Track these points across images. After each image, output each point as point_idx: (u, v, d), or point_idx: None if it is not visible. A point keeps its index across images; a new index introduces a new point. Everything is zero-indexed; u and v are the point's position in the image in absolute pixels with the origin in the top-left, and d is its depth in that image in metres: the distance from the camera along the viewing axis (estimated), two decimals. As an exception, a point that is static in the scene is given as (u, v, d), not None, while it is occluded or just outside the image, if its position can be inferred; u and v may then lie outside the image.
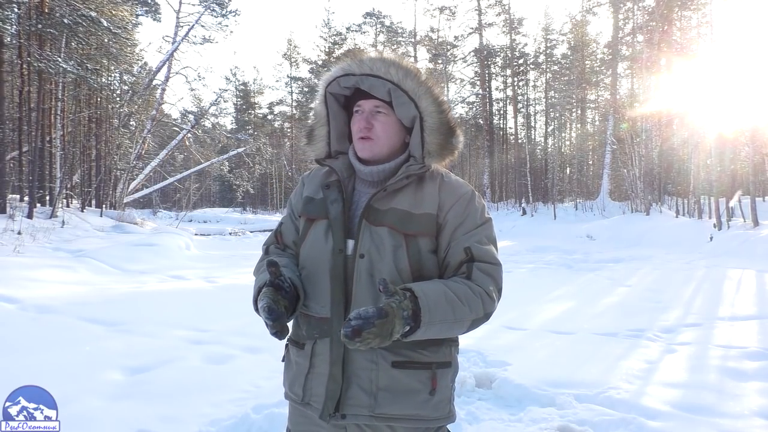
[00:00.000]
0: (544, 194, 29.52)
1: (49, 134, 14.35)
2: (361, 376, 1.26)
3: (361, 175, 1.37)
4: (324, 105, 1.40)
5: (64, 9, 13.44)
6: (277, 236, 1.46)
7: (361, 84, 1.33)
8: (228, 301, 6.16)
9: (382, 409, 1.26)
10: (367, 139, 1.32)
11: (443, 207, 1.31)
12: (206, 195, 47.34)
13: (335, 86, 1.37)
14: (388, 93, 1.32)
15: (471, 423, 2.93)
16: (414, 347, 1.26)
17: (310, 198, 1.39)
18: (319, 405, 1.29)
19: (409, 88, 1.31)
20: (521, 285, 7.70)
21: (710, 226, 13.63)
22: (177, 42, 23.00)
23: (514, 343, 4.44)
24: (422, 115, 1.32)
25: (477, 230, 1.31)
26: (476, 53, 32.81)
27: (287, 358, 1.43)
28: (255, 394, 3.19)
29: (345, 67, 1.34)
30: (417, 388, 1.27)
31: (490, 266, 1.28)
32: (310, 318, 1.32)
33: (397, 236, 1.27)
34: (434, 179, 1.35)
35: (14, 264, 7.45)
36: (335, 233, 1.29)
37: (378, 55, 1.34)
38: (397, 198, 1.30)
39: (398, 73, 1.30)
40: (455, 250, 1.29)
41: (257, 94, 44.68)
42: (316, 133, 1.43)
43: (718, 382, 3.45)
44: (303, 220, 1.38)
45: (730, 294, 6.74)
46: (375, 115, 1.34)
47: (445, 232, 1.30)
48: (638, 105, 23.11)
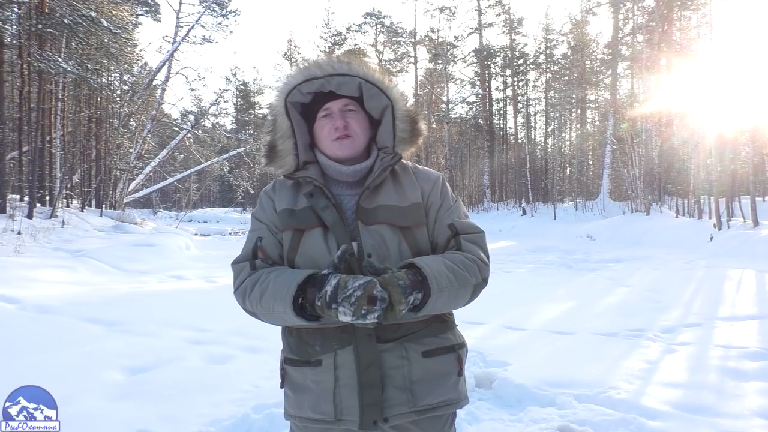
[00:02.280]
0: (544, 194, 29.51)
1: (49, 134, 14.35)
2: (393, 375, 1.26)
3: (340, 176, 1.36)
4: (286, 117, 1.37)
5: (64, 9, 13.44)
6: (260, 252, 1.34)
7: (327, 85, 1.34)
8: (228, 301, 6.13)
9: (422, 401, 1.27)
10: (346, 137, 1.34)
11: (424, 193, 1.37)
12: (206, 195, 47.35)
13: (296, 95, 1.36)
14: (357, 88, 1.35)
15: (471, 423, 2.92)
16: (436, 333, 1.32)
17: (290, 210, 1.34)
18: (354, 417, 1.24)
19: (377, 81, 1.36)
20: (521, 285, 7.70)
21: (710, 226, 13.62)
22: (177, 42, 23.02)
23: (514, 343, 4.44)
24: (393, 104, 1.37)
25: (453, 208, 1.39)
26: (476, 53, 32.80)
27: (293, 383, 1.34)
28: (255, 394, 3.19)
29: (305, 73, 1.35)
30: (449, 371, 1.32)
31: (474, 236, 1.35)
32: (325, 330, 1.26)
33: (395, 231, 1.30)
34: (406, 170, 1.41)
35: (14, 264, 7.45)
36: (339, 239, 1.26)
37: (329, 57, 1.37)
38: (381, 194, 1.33)
39: (361, 68, 1.35)
40: (440, 230, 1.35)
41: (257, 94, 44.71)
42: (280, 148, 1.40)
43: (718, 382, 3.45)
44: (289, 232, 1.32)
45: (730, 294, 6.74)
46: (347, 114, 1.36)
47: (430, 215, 1.37)
48: (638, 105, 23.12)
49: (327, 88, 1.35)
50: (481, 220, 24.19)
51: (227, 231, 20.32)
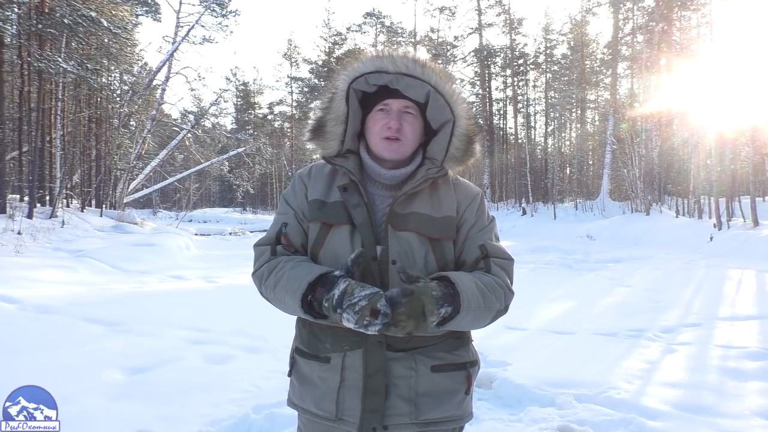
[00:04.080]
0: (544, 194, 29.50)
1: (49, 134, 14.35)
2: (399, 384, 1.25)
3: (378, 178, 1.33)
4: (345, 102, 1.32)
5: (64, 9, 13.43)
6: (283, 238, 1.32)
7: (395, 83, 1.29)
8: (228, 301, 6.16)
9: (425, 415, 1.25)
10: (396, 140, 1.30)
11: (460, 208, 1.34)
12: (206, 195, 47.34)
13: (362, 83, 1.31)
14: (425, 95, 1.30)
15: (471, 423, 2.90)
16: (449, 349, 1.30)
17: (321, 201, 1.31)
18: (355, 419, 1.24)
19: (446, 92, 1.31)
20: (521, 285, 7.62)
21: (710, 226, 13.62)
22: (177, 42, 23.01)
23: (514, 343, 4.44)
24: (456, 120, 1.32)
25: (487, 228, 1.35)
26: (476, 53, 32.80)
27: (300, 374, 1.34)
28: (255, 394, 3.19)
29: (377, 64, 1.29)
30: (456, 388, 1.30)
31: (504, 261, 1.32)
32: (337, 330, 1.25)
33: (424, 241, 1.27)
34: (447, 182, 1.37)
35: (14, 264, 7.45)
36: (365, 240, 1.24)
37: (407, 53, 1.31)
38: (415, 202, 1.29)
39: (434, 76, 1.29)
40: (470, 248, 1.32)
41: (257, 94, 44.69)
42: (329, 130, 1.34)
43: (718, 382, 3.45)
44: (317, 225, 1.30)
45: (730, 294, 6.74)
46: (404, 116, 1.31)
47: (461, 232, 1.33)
48: (638, 105, 23.12)
49: (394, 86, 1.30)
50: (481, 220, 24.17)
51: (227, 231, 20.30)
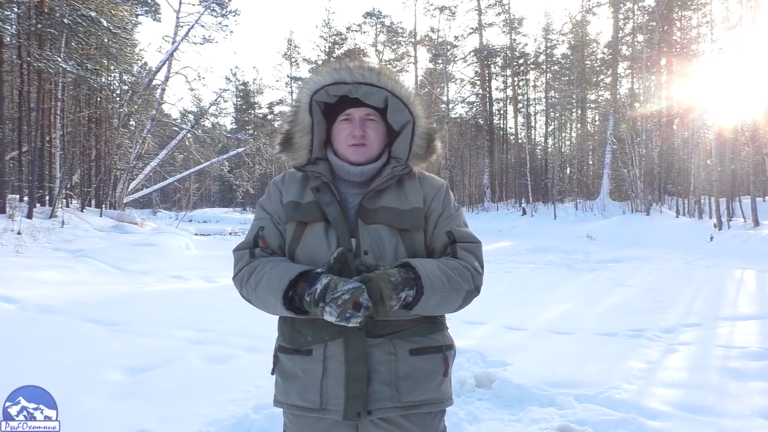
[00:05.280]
0: (544, 194, 29.51)
1: (48, 134, 14.34)
2: (380, 369, 1.30)
3: (348, 176, 1.41)
4: (308, 113, 1.41)
5: (64, 9, 13.43)
6: (261, 240, 1.39)
7: (354, 92, 1.38)
8: (228, 301, 6.14)
9: (406, 397, 1.31)
10: (362, 145, 1.39)
11: (427, 199, 1.42)
12: (206, 195, 47.36)
13: (323, 94, 1.40)
14: (383, 100, 1.39)
15: (471, 423, 2.92)
16: (425, 333, 1.36)
17: (296, 203, 1.39)
18: (339, 407, 1.29)
19: (403, 96, 1.40)
20: (521, 285, 7.69)
21: (710, 226, 13.63)
22: (177, 42, 22.99)
23: (514, 343, 4.43)
24: (415, 120, 1.42)
25: (453, 216, 1.43)
26: (476, 53, 32.81)
27: (283, 370, 1.38)
28: (255, 394, 3.19)
29: (335, 76, 1.38)
30: (434, 370, 1.36)
31: (471, 245, 1.40)
32: (317, 321, 1.29)
33: (393, 232, 1.34)
34: (412, 177, 1.45)
35: (14, 264, 7.45)
36: (340, 234, 1.31)
37: (361, 63, 1.40)
38: (383, 197, 1.38)
39: (390, 82, 1.39)
40: (438, 236, 1.40)
41: (257, 94, 44.73)
42: (296, 141, 1.44)
43: (718, 382, 3.45)
44: (293, 224, 1.37)
45: (730, 294, 6.74)
46: (366, 123, 1.41)
47: (430, 221, 1.41)
48: (638, 105, 23.12)
49: (353, 95, 1.39)
50: (481, 220, 24.21)
51: (227, 231, 20.31)
